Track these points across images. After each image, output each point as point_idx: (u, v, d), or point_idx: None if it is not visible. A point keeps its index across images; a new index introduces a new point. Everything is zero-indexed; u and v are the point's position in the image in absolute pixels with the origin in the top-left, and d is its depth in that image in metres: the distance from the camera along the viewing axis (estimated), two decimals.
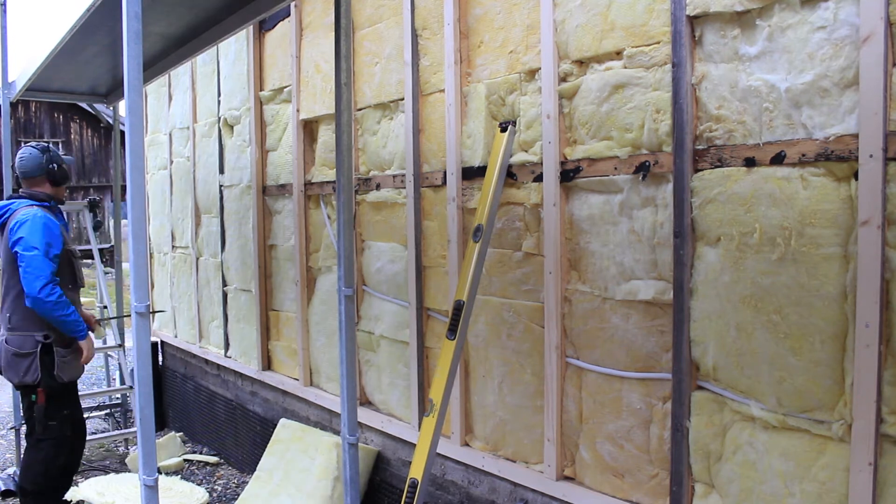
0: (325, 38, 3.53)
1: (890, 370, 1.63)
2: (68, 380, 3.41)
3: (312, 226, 3.77)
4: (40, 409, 3.35)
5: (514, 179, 2.55)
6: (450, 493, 2.89)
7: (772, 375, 1.84)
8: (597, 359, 2.32)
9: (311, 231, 3.78)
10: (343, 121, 2.49)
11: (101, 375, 7.18)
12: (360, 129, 3.33)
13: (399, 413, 3.23)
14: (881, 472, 1.65)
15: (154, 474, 2.05)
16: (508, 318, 2.62)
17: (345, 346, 2.55)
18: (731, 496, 1.96)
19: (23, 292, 3.20)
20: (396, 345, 3.20)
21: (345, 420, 2.58)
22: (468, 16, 2.71)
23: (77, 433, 3.55)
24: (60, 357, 3.36)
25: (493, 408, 2.71)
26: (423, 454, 2.44)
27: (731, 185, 1.90)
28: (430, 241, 2.96)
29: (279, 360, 4.17)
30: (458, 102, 2.74)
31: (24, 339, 3.31)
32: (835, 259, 1.71)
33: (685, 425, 2.05)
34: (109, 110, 5.24)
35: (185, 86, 5.08)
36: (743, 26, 1.87)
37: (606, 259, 2.27)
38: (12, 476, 4.31)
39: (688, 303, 2.02)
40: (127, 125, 1.96)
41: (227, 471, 4.57)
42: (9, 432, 5.27)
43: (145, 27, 2.01)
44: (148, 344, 2.02)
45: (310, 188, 3.74)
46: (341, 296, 2.54)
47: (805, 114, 1.74)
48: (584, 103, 2.29)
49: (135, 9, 1.91)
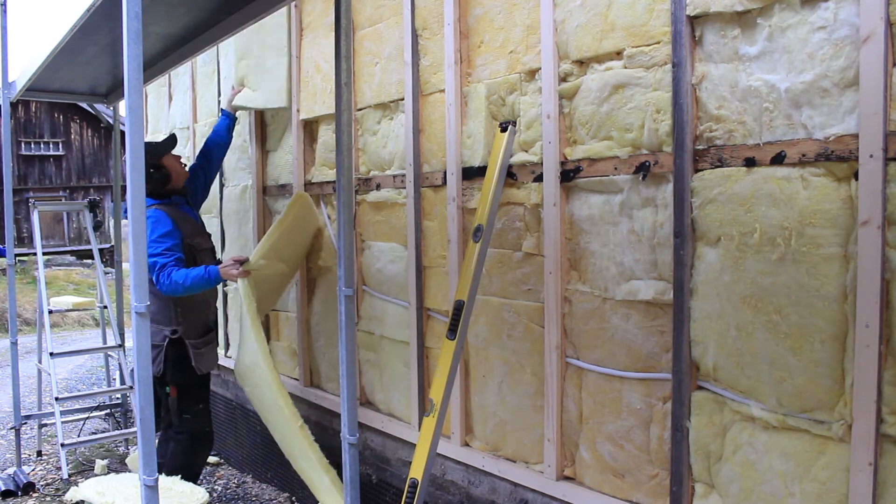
0: (325, 38, 3.53)
1: (890, 370, 1.63)
2: (206, 370, 3.51)
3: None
4: (174, 403, 3.48)
5: (514, 179, 2.55)
6: (450, 493, 2.89)
7: (772, 375, 1.84)
8: (597, 359, 2.32)
9: None
10: (343, 121, 2.49)
11: (101, 375, 7.19)
12: (360, 129, 3.33)
13: (399, 413, 3.23)
14: (881, 473, 1.65)
15: (154, 474, 2.05)
16: (508, 318, 2.62)
17: (345, 346, 2.54)
18: (731, 496, 1.96)
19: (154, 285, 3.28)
20: (397, 345, 3.20)
21: (345, 420, 2.58)
22: (468, 16, 2.71)
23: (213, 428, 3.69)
24: (195, 349, 3.45)
25: (494, 408, 2.71)
26: (424, 454, 2.44)
27: (731, 186, 1.90)
28: (430, 241, 2.96)
29: (279, 360, 4.17)
30: (458, 102, 2.74)
31: (155, 332, 3.41)
32: (835, 259, 1.71)
33: (685, 425, 2.05)
34: (109, 110, 5.24)
35: (185, 86, 5.07)
36: (743, 26, 1.87)
37: (606, 259, 2.27)
38: (12, 476, 4.31)
39: (688, 303, 2.02)
40: (127, 125, 1.96)
41: (227, 471, 4.57)
42: (9, 432, 5.27)
43: (145, 27, 2.01)
44: (148, 344, 2.02)
45: (310, 188, 3.74)
46: (341, 296, 2.54)
47: (805, 114, 1.74)
48: (584, 103, 2.29)
49: (135, 9, 1.91)
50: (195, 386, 3.54)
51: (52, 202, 18.10)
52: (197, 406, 3.55)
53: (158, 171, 3.47)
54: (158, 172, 3.47)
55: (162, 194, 3.49)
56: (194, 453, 3.58)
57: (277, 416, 3.25)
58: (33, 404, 5.72)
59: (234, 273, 3.19)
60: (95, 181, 22.92)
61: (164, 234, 3.29)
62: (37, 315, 5.74)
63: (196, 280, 3.19)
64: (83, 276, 16.38)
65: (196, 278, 3.19)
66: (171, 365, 3.42)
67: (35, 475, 4.45)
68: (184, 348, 3.44)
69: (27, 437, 5.15)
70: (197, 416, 3.55)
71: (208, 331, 3.58)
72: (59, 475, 4.37)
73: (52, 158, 22.36)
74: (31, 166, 21.96)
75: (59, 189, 22.39)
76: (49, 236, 21.21)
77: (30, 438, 5.16)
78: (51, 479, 4.39)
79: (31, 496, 4.11)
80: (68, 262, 18.59)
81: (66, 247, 21.31)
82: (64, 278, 15.87)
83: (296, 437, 3.19)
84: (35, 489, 4.19)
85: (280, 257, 3.49)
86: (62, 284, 15.25)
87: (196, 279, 3.19)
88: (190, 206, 3.70)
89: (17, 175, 21.17)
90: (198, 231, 3.60)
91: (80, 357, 8.42)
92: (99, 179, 23.00)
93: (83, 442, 4.53)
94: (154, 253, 3.23)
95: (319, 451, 3.19)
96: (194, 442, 3.56)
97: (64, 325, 11.35)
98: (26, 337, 9.43)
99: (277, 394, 3.21)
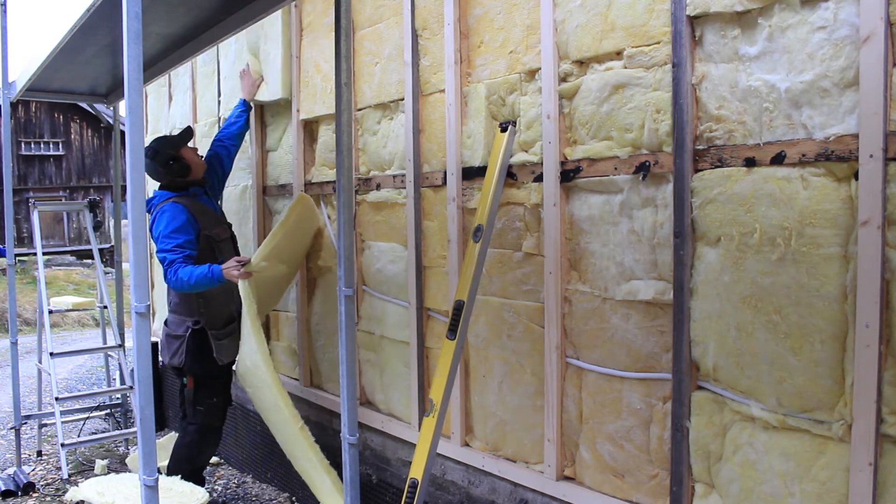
0: (325, 38, 3.53)
1: (890, 370, 1.63)
2: (227, 360, 3.52)
3: None
4: (189, 393, 3.51)
5: (514, 179, 2.55)
6: (450, 493, 2.89)
7: (772, 375, 1.84)
8: (597, 359, 2.32)
9: None
10: (343, 121, 2.49)
11: (101, 375, 7.19)
12: (360, 129, 3.33)
13: (399, 413, 3.23)
14: (881, 473, 1.65)
15: (154, 474, 2.05)
16: (508, 318, 2.62)
17: (345, 346, 2.55)
18: (731, 496, 1.96)
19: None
20: (397, 345, 3.20)
21: (345, 420, 2.58)
22: (468, 16, 2.71)
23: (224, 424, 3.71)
24: (216, 340, 3.47)
25: (494, 408, 2.71)
26: (424, 454, 2.44)
27: (731, 186, 1.90)
28: (430, 241, 2.96)
29: (279, 360, 4.17)
30: (458, 102, 2.74)
31: (179, 323, 3.48)
32: (835, 259, 1.71)
33: (685, 425, 2.05)
34: (109, 110, 5.24)
35: (185, 86, 5.07)
36: (743, 26, 1.87)
37: (606, 259, 2.27)
38: (12, 476, 4.31)
39: (688, 303, 2.02)
40: (127, 125, 1.96)
41: (227, 471, 4.57)
42: (9, 432, 5.27)
43: (145, 27, 2.01)
44: (148, 344, 2.02)
45: (310, 188, 3.74)
46: (341, 296, 2.54)
47: (805, 114, 1.74)
48: (584, 103, 2.29)
49: (135, 9, 1.91)
50: (213, 378, 3.56)
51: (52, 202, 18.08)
52: (211, 399, 3.56)
53: (178, 163, 3.49)
54: (178, 164, 3.48)
55: (181, 186, 3.51)
56: (200, 447, 3.60)
57: (278, 417, 3.26)
58: (33, 404, 5.72)
59: (235, 274, 3.20)
60: (95, 181, 22.92)
61: (176, 228, 3.30)
62: (37, 315, 5.74)
63: (200, 279, 3.20)
64: (83, 276, 16.39)
65: (200, 277, 3.20)
66: (192, 355, 3.44)
67: (35, 475, 4.45)
68: (205, 338, 3.47)
69: (27, 437, 5.15)
70: (209, 409, 3.56)
71: (231, 321, 3.58)
72: (59, 475, 4.37)
73: (52, 158, 22.36)
74: (31, 166, 21.96)
75: (59, 189, 22.39)
76: (49, 236, 21.22)
77: (30, 438, 5.16)
78: (51, 479, 4.39)
79: (31, 496, 4.11)
80: (68, 262, 18.60)
81: (66, 247, 21.32)
82: (64, 278, 15.88)
83: (297, 438, 3.20)
84: (35, 489, 4.19)
85: (281, 259, 3.49)
86: (62, 284, 15.25)
87: (200, 278, 3.20)
88: (208, 195, 3.71)
89: (17, 175, 21.18)
90: (216, 221, 3.61)
91: (80, 357, 8.42)
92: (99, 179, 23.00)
93: (83, 442, 4.54)
94: (164, 249, 3.26)
95: (320, 452, 3.19)
96: (202, 435, 3.57)
97: (64, 325, 11.36)
98: (26, 337, 9.43)
99: (278, 395, 3.22)
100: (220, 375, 3.60)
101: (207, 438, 3.61)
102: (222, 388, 3.65)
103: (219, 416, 3.62)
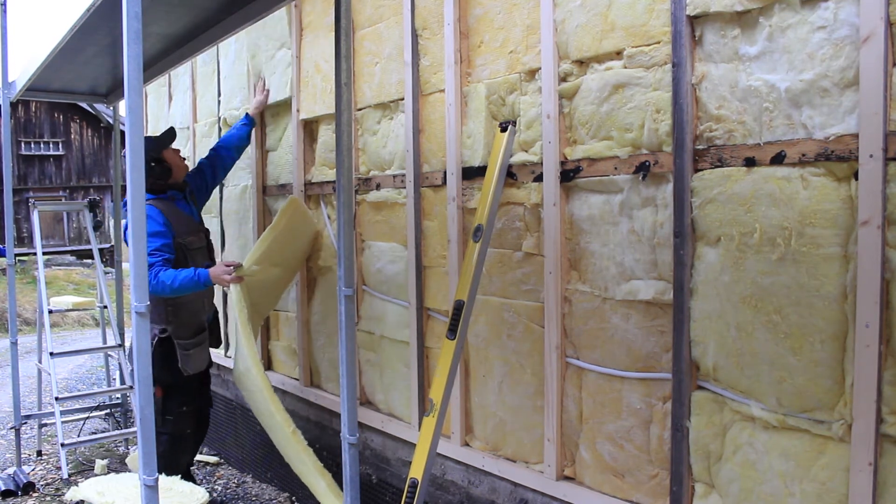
0: (325, 38, 3.53)
1: (890, 370, 1.63)
2: (193, 371, 3.44)
3: None
4: (158, 403, 3.39)
5: (514, 179, 2.55)
6: (450, 493, 2.89)
7: (772, 375, 1.84)
8: (597, 359, 2.32)
9: None
10: (343, 121, 2.49)
11: (101, 375, 7.19)
12: (360, 129, 3.33)
13: (399, 413, 3.23)
14: (881, 472, 1.65)
15: (154, 474, 2.05)
16: (508, 318, 2.62)
17: (345, 345, 2.54)
18: (731, 496, 1.96)
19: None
20: (397, 345, 3.20)
21: (345, 420, 2.58)
22: (468, 16, 2.71)
23: (200, 427, 3.66)
24: (183, 350, 3.38)
25: (494, 408, 2.71)
26: (424, 454, 2.44)
27: (731, 185, 1.90)
28: (430, 241, 2.96)
29: (279, 360, 4.17)
30: (458, 102, 2.74)
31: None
32: (835, 259, 1.71)
33: (685, 425, 2.05)
34: (109, 110, 5.23)
35: (185, 86, 5.08)
36: (743, 26, 1.87)
37: (606, 259, 2.27)
38: (12, 476, 4.31)
39: (688, 303, 2.02)
40: (127, 125, 1.96)
41: (227, 471, 4.57)
42: (9, 432, 5.28)
43: (145, 27, 2.01)
44: (148, 344, 2.02)
45: (310, 188, 3.74)
46: (341, 296, 2.54)
47: (805, 114, 1.74)
48: (584, 103, 2.29)
49: (135, 9, 1.91)
50: (181, 387, 3.49)
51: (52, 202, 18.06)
52: (180, 409, 3.49)
53: (160, 165, 3.43)
54: (160, 166, 3.43)
55: (159, 189, 3.44)
56: (173, 456, 3.52)
57: (271, 420, 3.25)
58: (33, 404, 5.72)
59: (226, 279, 3.15)
60: (95, 181, 22.93)
61: (153, 232, 3.22)
62: (37, 315, 5.74)
63: (185, 282, 3.14)
64: (83, 275, 16.39)
65: (185, 280, 3.13)
66: (158, 365, 3.31)
67: (35, 475, 4.45)
68: (172, 348, 3.38)
69: (27, 437, 5.16)
70: (179, 418, 3.49)
71: (201, 331, 3.51)
72: (59, 475, 4.37)
73: (52, 158, 22.37)
74: (31, 166, 21.97)
75: (59, 189, 22.40)
76: (49, 236, 21.22)
77: (30, 438, 5.16)
78: (51, 479, 4.39)
79: (31, 496, 4.11)
80: (68, 262, 18.60)
81: (66, 247, 21.32)
82: (64, 278, 15.88)
83: (289, 442, 3.19)
84: (35, 489, 4.19)
85: (274, 262, 3.47)
86: (62, 284, 15.25)
87: (185, 281, 3.13)
88: (188, 202, 3.64)
89: (17, 175, 21.18)
90: (192, 229, 3.53)
91: (80, 357, 8.42)
92: (99, 179, 23.01)
93: (83, 442, 4.53)
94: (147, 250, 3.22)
95: (313, 454, 3.19)
96: (173, 444, 3.50)
97: (64, 324, 11.36)
98: (26, 337, 9.43)
99: (269, 400, 3.21)
100: (189, 384, 3.53)
101: (179, 446, 3.55)
102: (195, 394, 3.58)
103: (190, 423, 3.55)
